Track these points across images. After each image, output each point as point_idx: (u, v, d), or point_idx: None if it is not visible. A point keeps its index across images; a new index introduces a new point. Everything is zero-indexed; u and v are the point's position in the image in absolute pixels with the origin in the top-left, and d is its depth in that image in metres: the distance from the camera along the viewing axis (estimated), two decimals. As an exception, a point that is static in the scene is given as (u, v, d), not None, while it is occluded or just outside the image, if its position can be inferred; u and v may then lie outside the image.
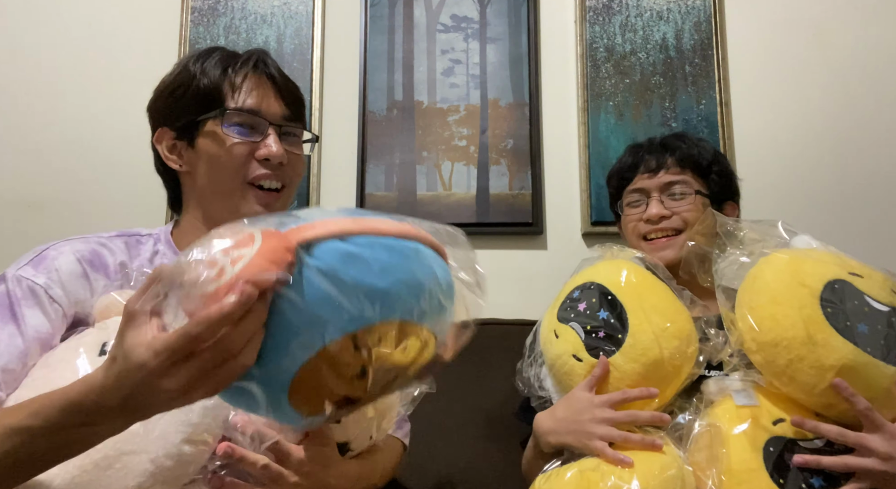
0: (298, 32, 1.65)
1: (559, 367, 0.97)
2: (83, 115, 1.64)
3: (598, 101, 1.61)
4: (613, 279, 0.98)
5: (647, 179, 1.17)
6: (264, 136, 0.88)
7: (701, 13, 1.64)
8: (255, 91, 0.89)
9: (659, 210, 1.13)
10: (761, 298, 0.87)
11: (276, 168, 0.88)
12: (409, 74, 1.63)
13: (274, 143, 0.87)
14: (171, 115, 0.90)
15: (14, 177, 1.62)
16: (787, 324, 0.83)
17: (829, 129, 1.60)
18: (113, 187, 1.61)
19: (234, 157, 0.86)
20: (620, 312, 0.94)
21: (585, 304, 0.97)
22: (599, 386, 0.91)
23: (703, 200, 1.14)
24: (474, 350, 1.50)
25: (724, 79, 1.61)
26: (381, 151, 1.60)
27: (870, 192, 1.58)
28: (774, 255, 0.91)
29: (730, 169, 1.21)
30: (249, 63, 0.90)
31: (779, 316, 0.84)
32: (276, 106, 0.90)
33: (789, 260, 0.89)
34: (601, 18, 1.65)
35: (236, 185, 0.87)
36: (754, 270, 0.91)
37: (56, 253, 0.82)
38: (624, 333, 0.91)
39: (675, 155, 1.16)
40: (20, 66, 1.66)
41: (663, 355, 0.89)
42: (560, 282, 1.61)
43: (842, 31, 1.64)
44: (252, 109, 0.87)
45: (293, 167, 0.91)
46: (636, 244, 1.18)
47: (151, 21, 1.67)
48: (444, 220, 1.65)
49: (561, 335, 0.97)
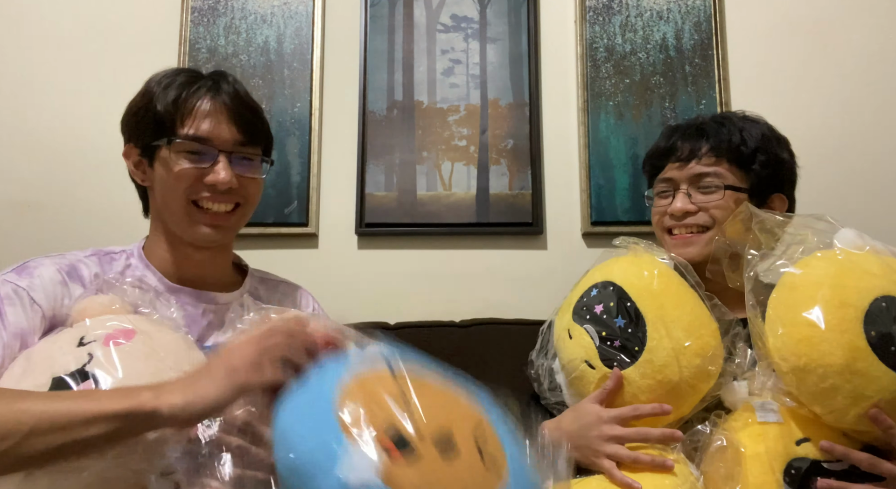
0: (298, 32, 1.65)
1: (571, 371, 0.92)
2: (83, 115, 1.63)
3: (598, 101, 1.61)
4: (635, 283, 0.90)
5: (676, 169, 1.06)
6: (214, 162, 0.90)
7: (701, 13, 1.64)
8: (207, 118, 0.90)
9: (683, 204, 1.03)
10: (796, 316, 0.78)
11: (226, 192, 0.91)
12: (409, 74, 1.63)
13: (222, 169, 0.89)
14: (133, 134, 0.95)
15: (13, 177, 1.62)
16: (825, 350, 0.74)
17: (829, 129, 1.60)
18: (111, 188, 1.60)
19: (180, 182, 0.89)
20: (639, 323, 0.86)
21: (602, 307, 0.90)
22: (610, 399, 0.86)
23: (736, 196, 1.01)
24: (474, 350, 1.51)
25: (724, 79, 1.61)
26: (381, 151, 1.60)
27: (870, 191, 1.58)
28: (815, 261, 0.81)
29: (780, 155, 1.05)
30: (203, 89, 0.91)
31: (815, 340, 0.75)
32: (227, 132, 0.91)
33: (831, 270, 0.79)
34: (601, 18, 1.65)
35: (182, 205, 0.90)
36: (790, 278, 0.82)
37: (37, 264, 0.88)
38: (641, 346, 0.85)
39: (710, 142, 1.03)
40: (20, 65, 1.65)
41: (682, 375, 0.83)
42: (560, 282, 1.61)
43: (842, 31, 1.64)
44: (200, 137, 0.89)
45: (246, 189, 0.93)
46: (661, 237, 1.09)
47: (151, 21, 1.67)
48: (444, 220, 1.66)
49: (575, 337, 0.91)
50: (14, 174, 1.62)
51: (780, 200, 1.06)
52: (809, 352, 0.76)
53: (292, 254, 1.58)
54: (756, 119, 1.10)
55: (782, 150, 1.06)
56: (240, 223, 0.97)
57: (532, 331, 1.45)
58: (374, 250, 1.59)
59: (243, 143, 0.93)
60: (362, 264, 1.58)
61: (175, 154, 0.89)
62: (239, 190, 0.92)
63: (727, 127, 1.05)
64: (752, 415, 0.81)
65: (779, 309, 0.81)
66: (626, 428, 0.84)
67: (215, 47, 1.63)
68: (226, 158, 0.90)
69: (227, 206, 0.92)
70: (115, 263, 0.95)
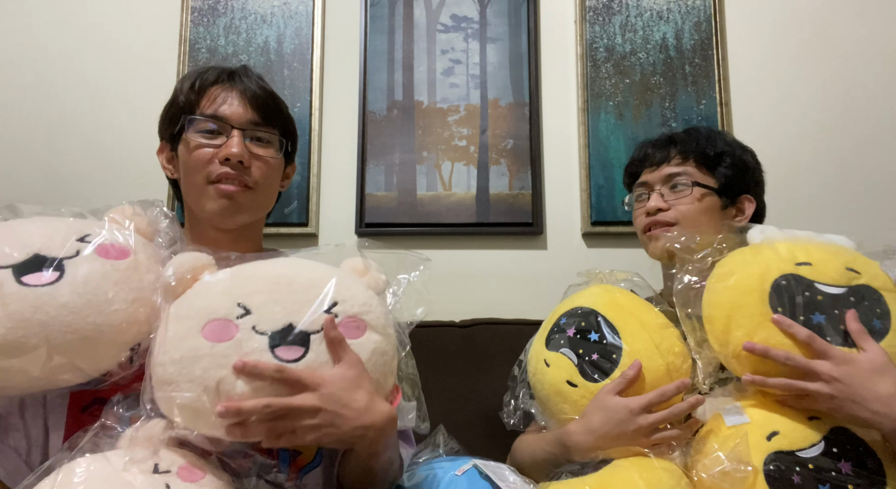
0: (298, 32, 1.65)
1: (552, 397, 0.94)
2: (83, 115, 1.64)
3: (598, 101, 1.61)
4: (601, 301, 0.96)
5: (650, 173, 1.15)
6: (228, 138, 0.92)
7: (701, 13, 1.64)
8: (223, 100, 0.93)
9: (657, 202, 1.11)
10: (718, 313, 0.86)
11: (238, 168, 0.91)
12: (409, 74, 1.63)
13: (235, 144, 0.91)
14: (163, 129, 0.99)
15: (14, 178, 1.62)
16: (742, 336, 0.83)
17: (828, 129, 1.60)
18: (112, 188, 1.60)
19: (198, 159, 0.92)
20: (613, 332, 0.91)
21: (574, 329, 0.94)
22: (629, 388, 0.88)
23: (702, 192, 1.10)
24: (474, 350, 1.51)
25: (724, 79, 1.61)
26: (381, 151, 1.60)
27: (870, 191, 1.58)
28: (720, 265, 0.90)
29: (744, 159, 1.14)
30: (222, 76, 0.96)
31: (732, 327, 0.84)
32: (241, 111, 0.93)
33: (735, 268, 0.87)
34: (601, 18, 1.65)
35: (201, 185, 0.92)
36: (708, 284, 0.89)
37: None
38: (619, 352, 0.89)
39: (678, 146, 1.14)
40: (20, 66, 1.66)
41: (659, 371, 0.88)
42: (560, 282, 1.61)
43: (841, 31, 1.64)
44: (216, 115, 0.92)
45: (259, 169, 0.94)
46: (641, 238, 1.16)
47: (151, 21, 1.67)
48: (444, 220, 1.66)
49: (552, 363, 0.94)
50: (14, 174, 1.62)
51: (748, 201, 1.14)
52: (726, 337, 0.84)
53: (292, 254, 1.58)
54: (721, 132, 1.22)
55: (746, 155, 1.15)
56: (255, 206, 0.96)
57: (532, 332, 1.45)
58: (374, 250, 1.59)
59: (257, 123, 0.94)
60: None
61: (194, 134, 0.92)
62: (251, 170, 0.93)
63: (693, 135, 1.15)
64: (721, 422, 0.85)
65: (706, 311, 0.88)
66: (657, 414, 0.86)
67: (215, 47, 1.63)
68: (240, 135, 0.92)
69: (238, 183, 0.92)
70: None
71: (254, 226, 1.01)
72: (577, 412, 0.91)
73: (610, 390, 0.88)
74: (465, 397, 1.34)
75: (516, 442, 1.07)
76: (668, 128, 1.59)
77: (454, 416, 1.29)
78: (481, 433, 1.29)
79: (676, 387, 0.86)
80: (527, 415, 1.01)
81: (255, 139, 0.94)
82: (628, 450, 0.86)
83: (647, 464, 0.83)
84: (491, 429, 1.30)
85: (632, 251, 1.59)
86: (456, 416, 1.30)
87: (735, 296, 0.85)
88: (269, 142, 0.96)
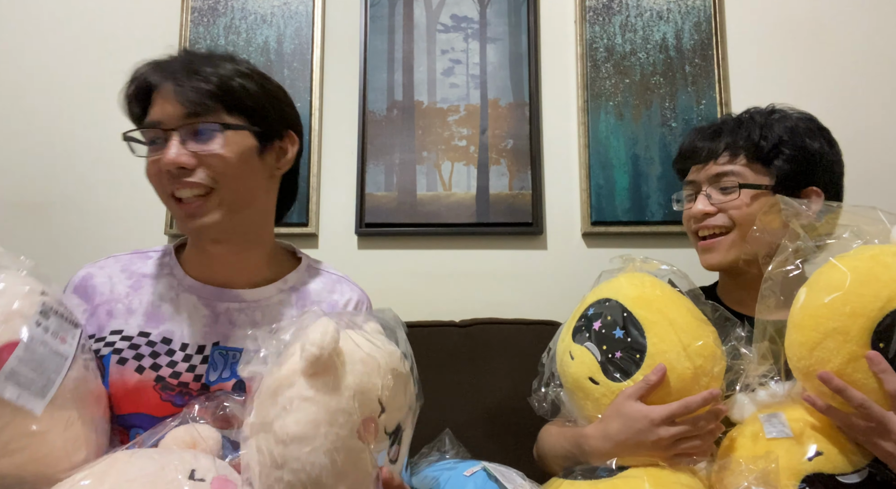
0: (298, 32, 1.65)
1: (575, 391, 0.90)
2: (83, 115, 1.63)
3: (598, 101, 1.61)
4: (631, 294, 0.89)
5: (697, 171, 1.05)
6: (163, 144, 0.81)
7: (701, 13, 1.64)
8: (159, 102, 0.83)
9: (703, 206, 1.01)
10: (813, 333, 0.75)
11: (185, 174, 0.81)
12: (409, 74, 1.63)
13: (171, 149, 0.80)
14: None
15: (14, 178, 1.62)
16: (823, 357, 0.73)
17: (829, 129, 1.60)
18: (115, 189, 1.61)
19: (150, 175, 0.84)
20: (639, 330, 0.85)
21: (601, 323, 0.88)
22: (652, 394, 0.82)
23: (754, 193, 0.99)
24: (474, 350, 1.51)
25: (724, 79, 1.61)
26: (381, 151, 1.60)
27: (870, 192, 1.58)
28: (839, 264, 0.76)
29: (811, 147, 1.01)
30: (153, 75, 0.84)
31: (818, 349, 0.74)
32: (174, 110, 0.81)
33: (850, 274, 0.74)
34: (601, 18, 1.65)
35: (167, 203, 0.85)
36: (817, 277, 0.77)
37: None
38: (643, 353, 0.83)
39: (726, 140, 1.02)
40: (20, 66, 1.66)
41: (685, 375, 0.81)
42: (560, 282, 1.62)
43: (841, 31, 1.64)
44: (150, 122, 0.82)
45: (209, 168, 0.82)
46: (692, 240, 1.08)
47: (151, 21, 1.67)
48: (444, 220, 1.66)
49: (576, 356, 0.89)
50: (15, 175, 1.62)
51: (815, 194, 1.01)
52: (808, 355, 0.75)
53: (292, 254, 1.58)
54: (788, 112, 1.07)
55: (815, 140, 1.02)
56: (228, 207, 0.84)
57: (532, 331, 1.46)
58: (374, 250, 1.59)
59: (189, 115, 0.81)
60: (362, 264, 1.58)
61: (143, 147, 0.85)
62: (201, 169, 0.81)
63: (745, 124, 1.03)
64: (760, 429, 0.79)
65: (792, 318, 0.78)
66: (679, 427, 0.80)
67: (215, 47, 1.63)
68: (177, 137, 0.80)
69: (192, 190, 0.82)
70: (149, 262, 0.93)
71: (250, 226, 0.90)
72: (599, 410, 0.86)
73: (631, 395, 0.82)
74: (465, 397, 1.34)
75: (542, 431, 1.03)
76: (668, 128, 1.59)
77: (454, 416, 1.29)
78: (482, 433, 1.29)
79: (703, 398, 0.79)
80: (555, 404, 0.96)
81: (198, 133, 0.81)
82: (645, 461, 0.82)
83: (664, 478, 0.79)
84: (491, 428, 1.30)
85: (632, 251, 1.59)
86: (456, 416, 1.30)
87: (836, 316, 0.73)
88: (215, 131, 0.82)
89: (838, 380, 0.71)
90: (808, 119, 1.06)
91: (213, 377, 0.85)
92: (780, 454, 0.75)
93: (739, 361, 0.85)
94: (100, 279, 0.89)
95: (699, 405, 0.80)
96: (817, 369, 0.74)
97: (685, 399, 0.80)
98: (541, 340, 1.06)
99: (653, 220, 1.55)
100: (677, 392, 0.81)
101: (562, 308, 1.19)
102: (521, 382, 1.06)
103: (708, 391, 0.80)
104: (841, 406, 0.74)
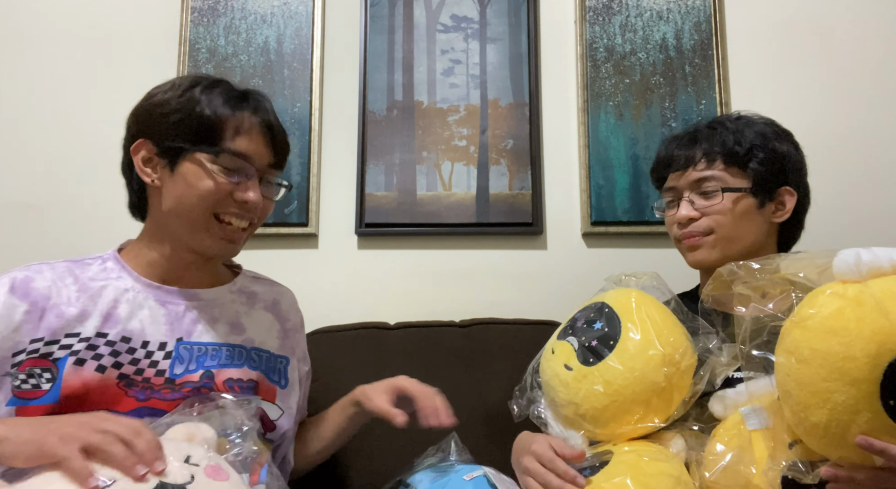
0: (298, 32, 1.65)
1: (551, 381, 0.95)
2: (83, 115, 1.63)
3: (598, 101, 1.61)
4: (619, 298, 0.95)
5: (676, 178, 1.09)
6: (249, 180, 0.92)
7: (701, 13, 1.64)
8: (251, 136, 0.92)
9: (687, 211, 1.05)
10: (812, 400, 0.69)
11: (249, 210, 0.93)
12: (409, 74, 1.63)
13: (254, 190, 0.92)
14: (160, 132, 0.91)
15: (13, 178, 1.62)
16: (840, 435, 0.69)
17: (829, 129, 1.60)
18: (112, 189, 1.60)
19: (213, 193, 0.89)
20: (616, 321, 0.91)
21: (583, 320, 0.95)
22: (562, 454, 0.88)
23: (735, 196, 1.02)
24: (474, 350, 1.51)
25: (724, 79, 1.61)
26: (381, 151, 1.60)
27: (870, 192, 1.58)
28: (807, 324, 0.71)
29: (780, 149, 1.05)
30: (250, 105, 0.93)
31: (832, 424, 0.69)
32: (265, 154, 0.94)
33: (832, 341, 0.68)
34: (601, 18, 1.65)
35: (204, 217, 0.91)
36: (788, 349, 0.73)
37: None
38: (616, 339, 0.89)
39: (703, 147, 1.05)
40: (20, 66, 1.66)
41: (654, 359, 0.86)
42: (560, 282, 1.62)
43: (842, 31, 1.64)
44: (244, 154, 0.91)
45: (264, 210, 0.97)
46: (676, 246, 1.12)
47: (151, 21, 1.67)
48: (444, 220, 1.66)
49: (557, 350, 0.96)
50: (15, 174, 1.62)
51: (788, 194, 1.06)
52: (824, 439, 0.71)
53: (292, 255, 1.58)
54: (753, 118, 1.11)
55: (782, 143, 1.06)
56: (245, 241, 0.99)
57: (532, 331, 1.46)
58: (374, 250, 1.59)
59: (273, 166, 0.96)
60: (362, 264, 1.58)
61: (214, 165, 0.89)
62: (258, 210, 0.95)
63: (719, 131, 1.07)
64: (742, 422, 0.81)
65: (790, 384, 0.73)
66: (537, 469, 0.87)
67: (215, 47, 1.63)
68: (257, 178, 0.93)
69: (245, 222, 0.94)
70: (90, 268, 0.95)
71: None
72: (569, 395, 0.90)
73: (542, 440, 0.91)
74: (465, 397, 1.34)
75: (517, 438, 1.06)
76: (668, 128, 1.59)
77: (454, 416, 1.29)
78: (482, 433, 1.29)
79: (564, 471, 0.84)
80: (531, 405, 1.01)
81: (267, 182, 0.96)
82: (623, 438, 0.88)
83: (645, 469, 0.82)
84: (491, 429, 1.30)
85: (632, 251, 1.59)
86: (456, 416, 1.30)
87: (837, 387, 0.67)
88: (273, 183, 0.98)
89: (879, 442, 0.66)
90: (772, 123, 1.10)
91: (179, 370, 0.91)
92: (762, 443, 0.77)
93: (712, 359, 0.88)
94: (41, 283, 0.89)
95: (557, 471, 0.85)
96: (835, 440, 0.70)
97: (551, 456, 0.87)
98: (541, 340, 1.06)
99: (653, 220, 1.55)
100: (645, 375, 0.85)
101: (562, 308, 1.19)
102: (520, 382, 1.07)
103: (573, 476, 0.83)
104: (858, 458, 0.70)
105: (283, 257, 1.57)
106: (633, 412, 0.87)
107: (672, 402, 0.88)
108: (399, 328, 1.43)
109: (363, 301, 1.55)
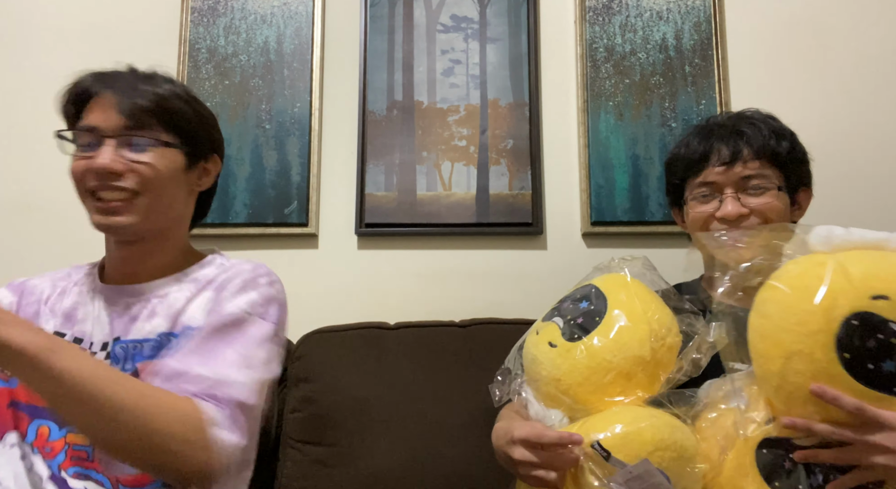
0: (298, 32, 1.65)
1: (536, 359, 0.93)
2: (83, 115, 1.63)
3: (598, 101, 1.61)
4: (608, 280, 0.96)
5: (719, 173, 1.03)
6: (100, 147, 0.92)
7: (701, 13, 1.64)
8: (99, 108, 0.93)
9: (737, 208, 1.00)
10: (774, 353, 0.76)
11: (113, 178, 0.91)
12: (409, 74, 1.63)
13: (105, 154, 0.90)
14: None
15: (12, 178, 1.62)
16: (801, 383, 0.74)
17: (829, 130, 1.60)
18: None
19: (76, 171, 0.93)
20: (602, 300, 0.90)
21: (570, 301, 0.94)
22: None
23: (781, 196, 1.01)
24: (474, 350, 1.51)
25: (724, 79, 1.61)
26: (381, 151, 1.60)
27: (871, 191, 1.58)
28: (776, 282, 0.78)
29: (803, 150, 1.05)
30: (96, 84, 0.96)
31: (789, 372, 0.74)
32: (114, 118, 0.92)
33: (796, 298, 0.75)
34: (601, 18, 1.65)
35: (83, 196, 0.94)
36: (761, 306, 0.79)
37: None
38: (602, 316, 0.88)
39: (751, 144, 1.02)
40: (19, 66, 1.66)
41: (643, 333, 0.85)
42: (560, 282, 1.61)
43: (842, 31, 1.64)
44: (89, 126, 0.92)
45: (136, 176, 0.91)
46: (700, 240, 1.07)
47: (151, 21, 1.67)
48: (444, 220, 1.66)
49: (541, 331, 0.95)
50: (15, 175, 1.62)
51: (805, 195, 1.06)
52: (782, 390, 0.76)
53: (292, 255, 1.58)
54: (774, 118, 1.11)
55: (801, 145, 1.07)
56: (147, 212, 0.93)
57: (532, 331, 1.44)
58: (374, 250, 1.59)
59: (131, 128, 0.92)
60: (362, 264, 1.58)
61: (75, 146, 0.94)
62: (130, 175, 0.91)
63: (760, 128, 1.04)
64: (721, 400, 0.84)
65: (758, 340, 0.79)
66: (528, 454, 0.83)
67: (215, 47, 1.63)
68: (113, 144, 0.91)
69: (117, 193, 0.91)
70: (81, 271, 1.02)
71: (162, 235, 0.98)
72: (552, 370, 0.89)
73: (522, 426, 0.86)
74: (465, 397, 1.34)
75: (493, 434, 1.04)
76: (668, 128, 1.59)
77: (454, 416, 1.29)
78: (482, 433, 1.29)
79: (559, 437, 0.80)
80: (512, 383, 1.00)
81: (134, 145, 0.92)
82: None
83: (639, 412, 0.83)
84: (491, 428, 1.30)
85: (632, 251, 1.59)
86: (456, 416, 1.30)
87: (795, 338, 0.74)
88: (150, 146, 0.92)
89: (831, 390, 0.71)
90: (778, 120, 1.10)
91: None
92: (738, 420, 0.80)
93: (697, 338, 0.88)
94: (35, 282, 1.00)
95: (551, 441, 0.80)
96: (793, 392, 0.74)
97: (539, 430, 0.83)
98: (541, 340, 1.06)
99: (653, 220, 1.56)
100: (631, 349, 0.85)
101: (562, 308, 1.19)
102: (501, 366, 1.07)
103: (569, 434, 0.80)
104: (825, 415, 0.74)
105: (283, 257, 1.57)
106: (616, 384, 0.85)
107: (656, 378, 0.87)
108: (399, 328, 1.43)
109: (363, 301, 1.55)
